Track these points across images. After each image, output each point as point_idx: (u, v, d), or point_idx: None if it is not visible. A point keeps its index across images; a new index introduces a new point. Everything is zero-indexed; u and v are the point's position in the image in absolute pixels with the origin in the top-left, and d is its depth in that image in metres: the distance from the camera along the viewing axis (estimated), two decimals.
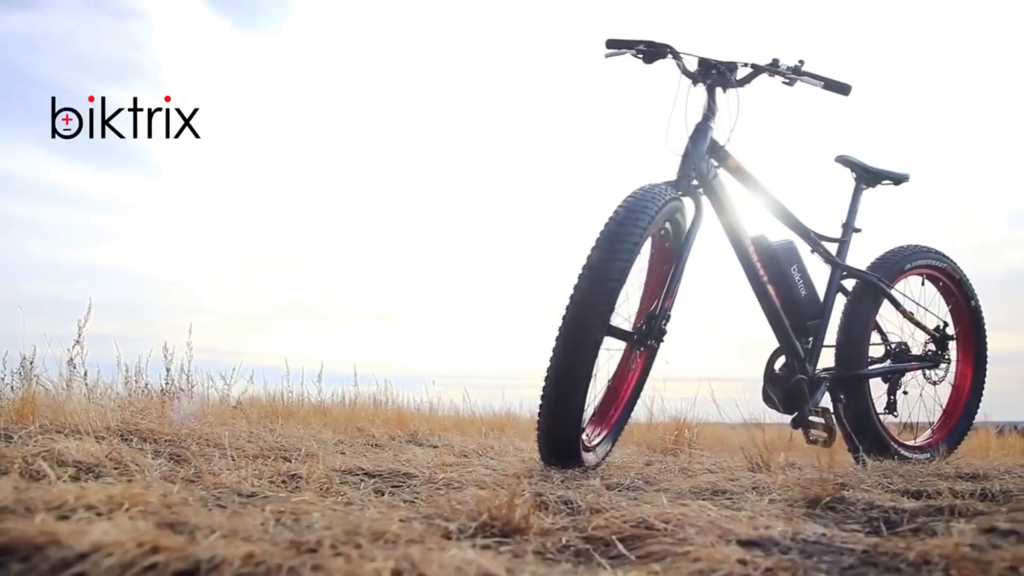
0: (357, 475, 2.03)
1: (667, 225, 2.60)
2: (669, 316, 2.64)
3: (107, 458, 1.80)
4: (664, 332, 2.61)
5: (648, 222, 2.32)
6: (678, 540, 1.21)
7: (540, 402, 2.31)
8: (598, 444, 2.60)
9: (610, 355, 2.61)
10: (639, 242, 2.31)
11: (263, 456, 2.23)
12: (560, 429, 2.31)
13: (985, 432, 4.03)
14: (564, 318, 2.26)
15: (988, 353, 3.23)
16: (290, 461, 2.13)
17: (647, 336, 2.52)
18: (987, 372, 3.22)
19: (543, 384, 2.29)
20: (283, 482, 1.83)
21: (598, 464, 2.53)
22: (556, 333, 2.26)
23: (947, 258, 3.15)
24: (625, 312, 2.63)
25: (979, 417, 4.36)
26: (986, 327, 3.22)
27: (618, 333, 2.46)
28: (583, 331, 2.24)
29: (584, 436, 2.55)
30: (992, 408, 4.60)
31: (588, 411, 2.63)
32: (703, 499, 1.75)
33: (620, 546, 1.23)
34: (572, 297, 2.26)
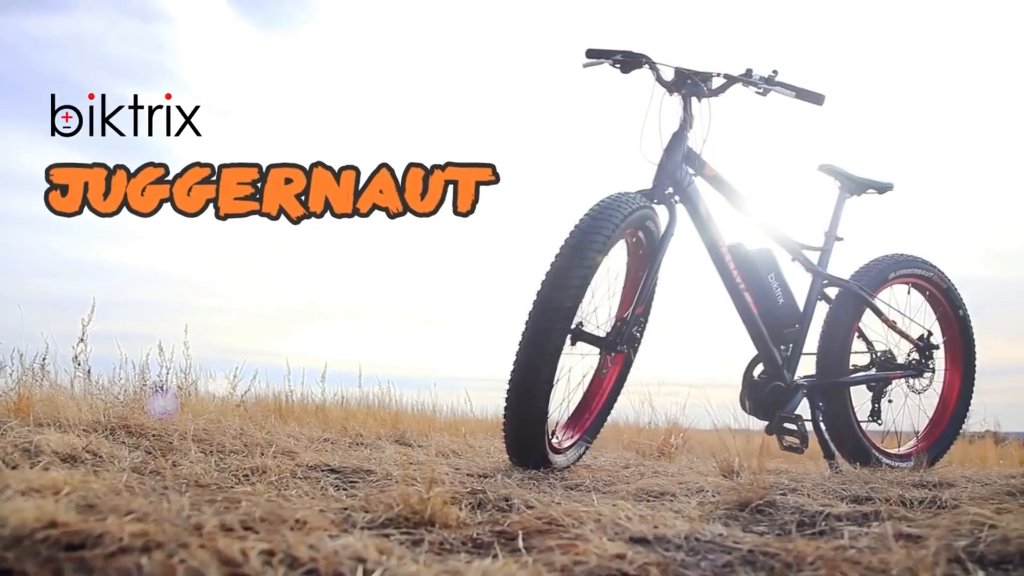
0: (321, 471, 2.13)
1: (640, 233, 2.65)
2: (642, 323, 2.69)
3: (84, 450, 1.93)
4: (636, 338, 2.66)
5: (612, 230, 2.37)
6: (574, 535, 1.28)
7: (504, 405, 2.38)
8: (569, 447, 2.66)
9: (584, 361, 2.67)
10: (602, 249, 2.36)
11: (239, 451, 2.35)
12: (523, 431, 2.38)
13: (987, 441, 3.98)
14: (527, 323, 2.33)
15: (976, 363, 3.20)
16: (263, 456, 2.23)
17: (617, 342, 2.58)
18: (975, 381, 3.19)
19: (507, 387, 2.36)
20: (245, 476, 1.93)
21: (568, 466, 2.59)
22: (519, 337, 2.33)
23: (934, 267, 3.14)
24: (607, 317, 2.70)
25: (987, 426, 4.29)
26: (974, 336, 3.19)
27: (588, 338, 2.52)
28: (544, 336, 2.30)
29: (555, 439, 2.61)
30: (1006, 419, 4.52)
31: (563, 415, 2.71)
32: (639, 500, 1.81)
33: (520, 540, 1.30)
34: (535, 302, 2.33)
